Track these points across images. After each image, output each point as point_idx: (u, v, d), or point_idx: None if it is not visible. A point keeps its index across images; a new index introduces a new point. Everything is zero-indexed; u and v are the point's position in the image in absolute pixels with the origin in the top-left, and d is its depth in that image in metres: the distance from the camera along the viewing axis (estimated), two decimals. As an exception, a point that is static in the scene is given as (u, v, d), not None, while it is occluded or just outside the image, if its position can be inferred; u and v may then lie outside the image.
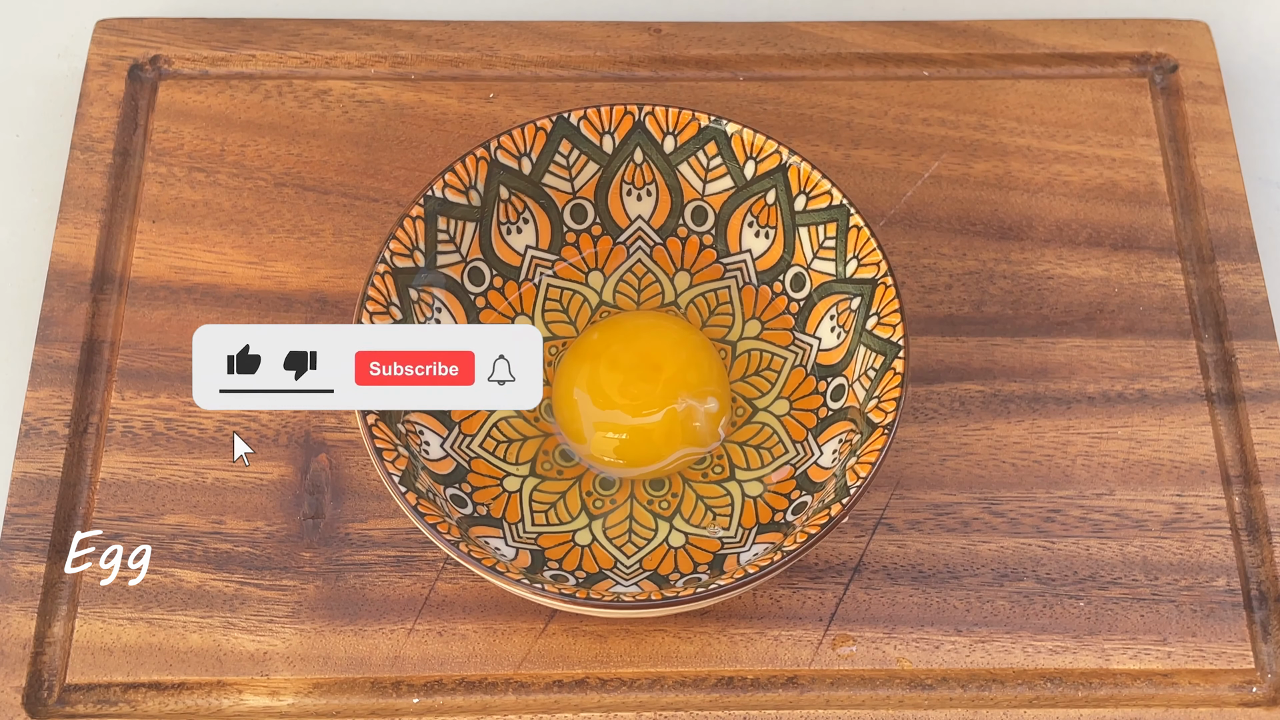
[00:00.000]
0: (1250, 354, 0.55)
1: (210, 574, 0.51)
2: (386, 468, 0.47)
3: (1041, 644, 0.51)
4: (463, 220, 0.52)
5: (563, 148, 0.53)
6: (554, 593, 0.46)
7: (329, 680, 0.50)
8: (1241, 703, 0.50)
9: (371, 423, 0.47)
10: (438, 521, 0.46)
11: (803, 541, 0.46)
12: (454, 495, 0.50)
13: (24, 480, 0.52)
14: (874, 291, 0.49)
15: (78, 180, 0.58)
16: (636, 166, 0.53)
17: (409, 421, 0.50)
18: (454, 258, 0.52)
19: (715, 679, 0.50)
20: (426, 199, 0.51)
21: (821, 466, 0.50)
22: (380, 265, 0.50)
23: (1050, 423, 0.54)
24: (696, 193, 0.53)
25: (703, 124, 0.52)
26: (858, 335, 0.50)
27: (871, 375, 0.49)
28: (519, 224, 0.53)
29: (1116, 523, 0.53)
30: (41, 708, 0.49)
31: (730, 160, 0.52)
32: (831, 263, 0.51)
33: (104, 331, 0.55)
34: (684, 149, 0.53)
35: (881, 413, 0.47)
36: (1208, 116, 0.60)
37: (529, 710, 0.49)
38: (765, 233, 0.53)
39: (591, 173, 0.53)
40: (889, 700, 0.50)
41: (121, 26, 0.61)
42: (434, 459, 0.50)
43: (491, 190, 0.52)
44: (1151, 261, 0.57)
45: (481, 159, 0.52)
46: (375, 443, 0.47)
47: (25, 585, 0.51)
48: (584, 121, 0.52)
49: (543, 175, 0.53)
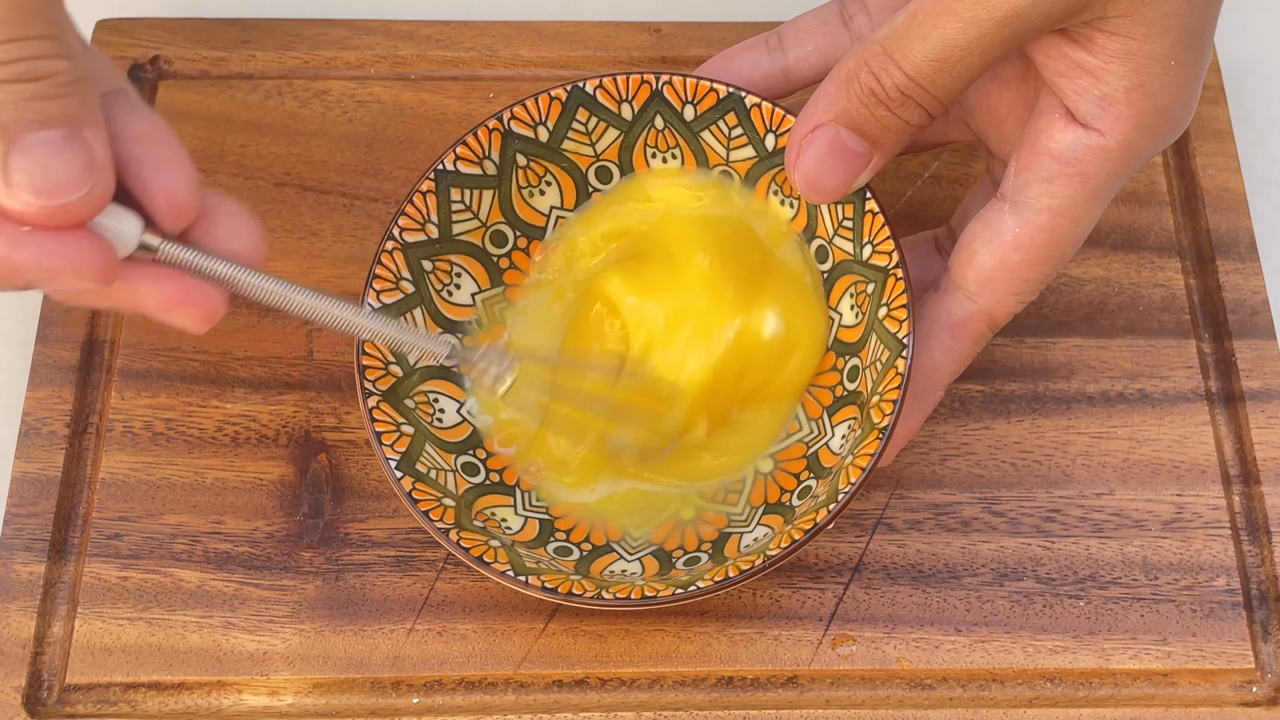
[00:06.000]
0: (1250, 354, 0.55)
1: (210, 574, 0.51)
2: (384, 451, 0.46)
3: (1041, 644, 0.51)
4: (478, 189, 0.52)
5: (580, 115, 0.52)
6: (536, 587, 0.46)
7: (329, 680, 0.50)
8: (1241, 703, 0.50)
9: (373, 405, 0.47)
10: (431, 507, 0.46)
11: (786, 547, 0.46)
12: (466, 463, 0.49)
13: (24, 480, 0.52)
14: (886, 281, 0.49)
15: (78, 180, 0.58)
16: (659, 132, 0.53)
17: (422, 392, 0.50)
18: (473, 224, 0.52)
19: (715, 679, 0.50)
20: (437, 173, 0.51)
21: (831, 450, 0.49)
22: (389, 242, 0.50)
23: (1050, 423, 0.54)
24: (721, 158, 0.53)
25: (721, 94, 0.51)
26: (871, 322, 0.49)
27: (879, 367, 0.48)
28: (540, 187, 0.53)
29: (1116, 522, 0.53)
30: (41, 708, 0.49)
31: (751, 131, 0.51)
32: (850, 243, 0.50)
33: (104, 331, 0.55)
34: (704, 117, 0.52)
35: (880, 413, 0.47)
36: (1208, 116, 0.60)
37: (529, 710, 0.49)
38: (790, 202, 0.52)
39: (613, 138, 0.53)
40: (889, 700, 0.50)
41: (121, 26, 0.61)
42: (447, 426, 0.50)
43: (507, 158, 0.52)
44: (1151, 261, 0.57)
45: (494, 130, 0.51)
46: (375, 426, 0.47)
47: (25, 585, 0.51)
48: (600, 90, 0.52)
49: (561, 141, 0.52)
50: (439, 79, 0.61)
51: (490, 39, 0.61)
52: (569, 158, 0.53)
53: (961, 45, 0.43)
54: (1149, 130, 0.44)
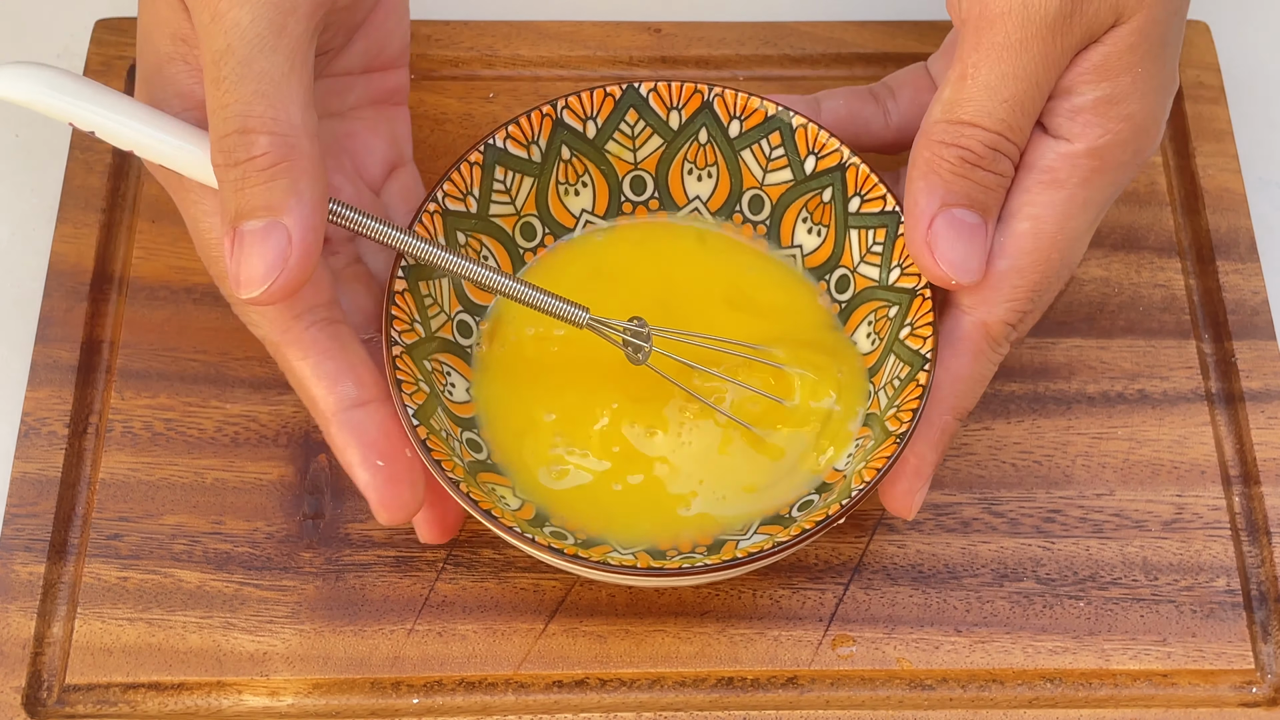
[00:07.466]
0: (1250, 354, 0.55)
1: (210, 574, 0.51)
2: (403, 399, 0.46)
3: (1041, 644, 0.51)
4: (520, 173, 0.52)
5: (629, 117, 0.52)
6: (544, 546, 0.45)
7: (329, 681, 0.50)
8: (1241, 703, 0.50)
9: (397, 354, 0.47)
10: (444, 458, 0.46)
11: (797, 535, 0.45)
12: (470, 440, 0.49)
13: (24, 480, 0.52)
14: (911, 302, 0.49)
15: (77, 180, 0.58)
16: (700, 146, 0.53)
17: (436, 360, 0.49)
18: (508, 209, 0.52)
19: (715, 679, 0.50)
20: (487, 147, 0.51)
21: (835, 469, 0.50)
22: (430, 204, 0.50)
23: (1050, 423, 0.54)
24: (756, 181, 0.53)
25: (769, 113, 0.52)
26: (890, 344, 0.50)
27: (896, 385, 0.49)
28: (577, 186, 0.53)
29: (1116, 523, 0.53)
30: (41, 708, 0.49)
31: (792, 152, 0.52)
32: (876, 268, 0.51)
33: (104, 331, 0.55)
34: (748, 135, 0.52)
35: (898, 421, 0.47)
36: (1208, 116, 0.60)
37: (529, 711, 0.49)
38: (818, 230, 0.52)
39: (655, 146, 0.53)
40: (889, 700, 0.50)
41: (121, 26, 0.61)
42: (456, 400, 0.50)
43: (554, 148, 0.52)
44: (1151, 261, 0.57)
45: (547, 115, 0.52)
46: (397, 374, 0.47)
47: (25, 585, 0.51)
48: (653, 94, 0.52)
49: (606, 141, 0.53)
50: (439, 79, 0.61)
51: (490, 39, 0.61)
52: (609, 160, 0.53)
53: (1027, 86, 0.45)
54: (1115, 137, 0.47)
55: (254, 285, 0.43)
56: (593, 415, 0.50)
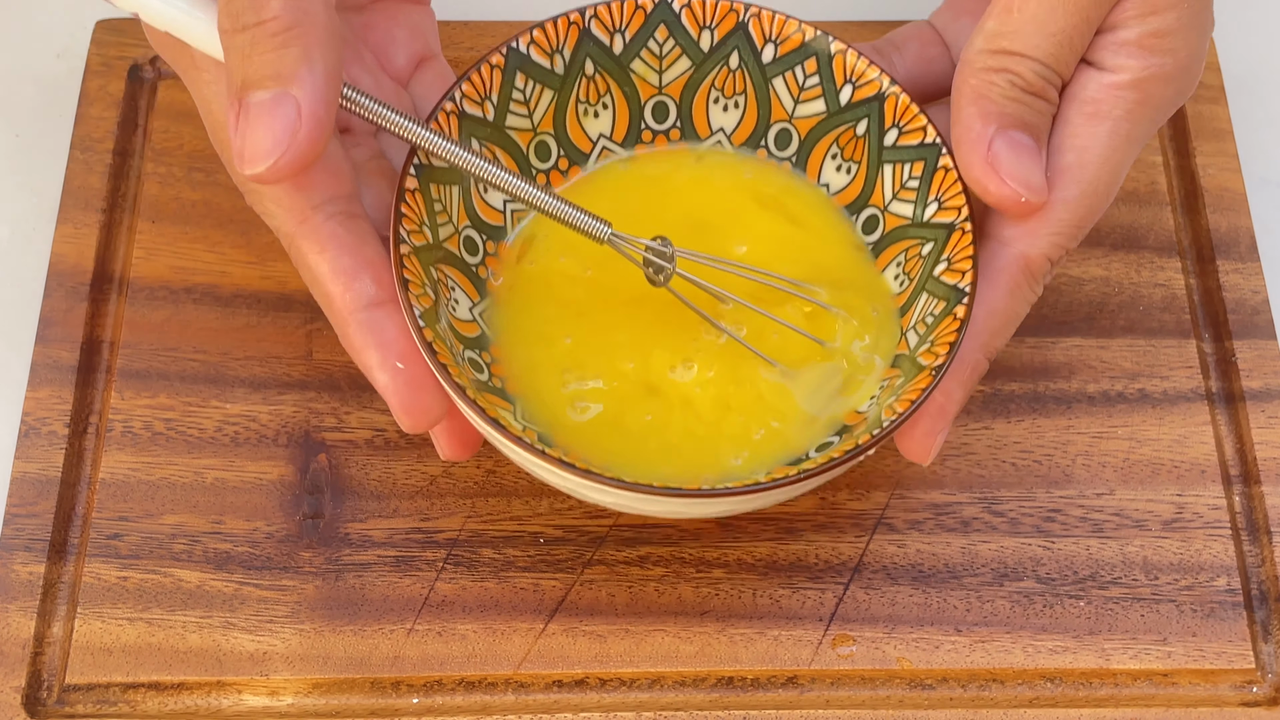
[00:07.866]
0: (1250, 354, 0.55)
1: (210, 574, 0.51)
2: (410, 298, 0.44)
3: (1041, 644, 0.51)
4: (541, 84, 0.50)
5: (659, 34, 0.50)
6: (555, 459, 0.43)
7: (328, 680, 0.50)
8: (1241, 703, 0.50)
9: (405, 253, 0.44)
10: (449, 363, 0.44)
11: (823, 464, 0.43)
12: (472, 360, 0.47)
13: (24, 480, 0.52)
14: (949, 236, 0.47)
15: (77, 180, 0.58)
16: (730, 73, 0.51)
17: (441, 270, 0.47)
18: (524, 123, 0.50)
19: (715, 679, 0.50)
20: (510, 50, 0.49)
21: (857, 410, 0.48)
22: (448, 103, 0.47)
23: (1050, 422, 0.54)
24: (785, 113, 0.51)
25: (807, 36, 0.50)
26: (922, 282, 0.48)
27: (929, 322, 0.47)
28: (598, 107, 0.51)
29: (1116, 522, 0.53)
30: (41, 708, 0.49)
31: (828, 81, 0.50)
32: (910, 205, 0.49)
33: (104, 331, 0.55)
34: (782, 61, 0.50)
35: (932, 355, 0.45)
36: (1208, 116, 0.60)
37: (529, 710, 0.49)
38: (848, 168, 0.51)
39: (682, 69, 0.51)
40: (889, 700, 0.50)
41: (121, 26, 0.61)
42: (460, 318, 0.47)
43: (578, 61, 0.50)
44: (1151, 261, 0.57)
45: (574, 24, 0.49)
46: (404, 273, 0.44)
47: (25, 585, 0.51)
48: (686, 10, 0.50)
49: (633, 59, 0.50)
50: (439, 79, 0.60)
51: (490, 39, 0.61)
52: (634, 81, 0.51)
53: (1078, 21, 0.45)
54: (1159, 70, 0.46)
55: (259, 160, 0.40)
56: (612, 345, 0.48)
